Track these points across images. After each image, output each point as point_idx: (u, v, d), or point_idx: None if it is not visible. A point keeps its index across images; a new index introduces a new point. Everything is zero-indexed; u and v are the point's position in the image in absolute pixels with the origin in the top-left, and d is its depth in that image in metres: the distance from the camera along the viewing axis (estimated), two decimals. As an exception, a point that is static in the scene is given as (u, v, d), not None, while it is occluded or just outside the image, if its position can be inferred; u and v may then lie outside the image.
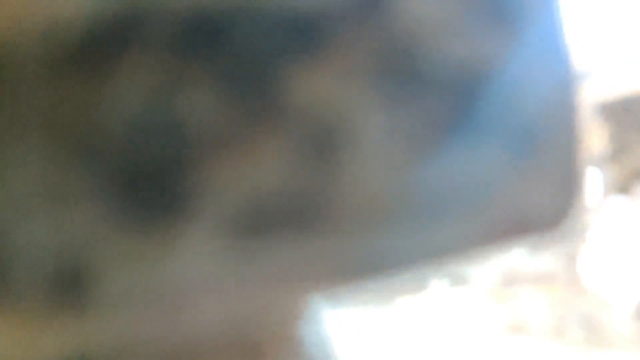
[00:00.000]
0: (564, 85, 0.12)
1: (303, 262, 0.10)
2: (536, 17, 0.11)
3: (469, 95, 0.11)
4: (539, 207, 0.11)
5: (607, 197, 2.35)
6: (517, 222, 0.11)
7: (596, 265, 2.27)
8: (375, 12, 0.10)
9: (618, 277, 2.20)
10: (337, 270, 0.10)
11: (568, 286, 2.36)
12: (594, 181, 2.57)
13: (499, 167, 0.11)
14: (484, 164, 0.11)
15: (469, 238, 0.11)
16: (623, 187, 2.24)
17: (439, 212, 0.11)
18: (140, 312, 0.09)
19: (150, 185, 0.08)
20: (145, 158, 0.08)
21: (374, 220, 0.10)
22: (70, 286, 0.07)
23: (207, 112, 0.09)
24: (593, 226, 2.34)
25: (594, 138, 2.35)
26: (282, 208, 0.09)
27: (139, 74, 0.09)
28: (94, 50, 0.08)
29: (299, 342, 0.10)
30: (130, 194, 0.08)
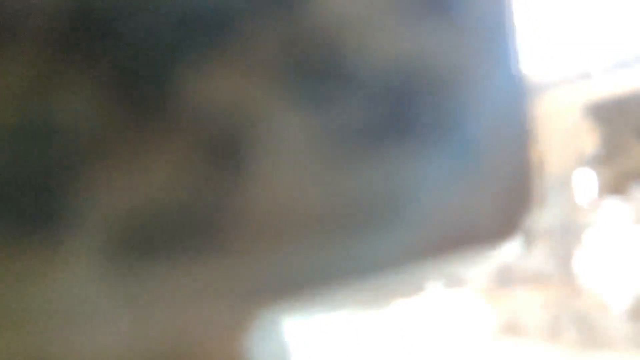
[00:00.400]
0: (511, 89, 0.11)
1: (208, 283, 0.08)
2: (481, 16, 0.10)
3: (401, 97, 0.10)
4: (483, 218, 0.10)
5: (600, 198, 2.37)
6: (459, 233, 0.10)
7: (591, 266, 2.28)
8: (289, 6, 0.09)
9: (612, 277, 2.21)
10: (250, 292, 0.09)
11: (563, 287, 2.37)
12: (587, 182, 2.57)
13: (435, 176, 0.10)
14: (418, 172, 0.10)
15: (404, 251, 0.10)
16: (616, 189, 2.25)
17: (369, 225, 0.10)
18: (12, 337, 0.08)
19: (22, 197, 0.08)
20: (18, 166, 0.07)
21: (290, 235, 0.09)
22: None
23: (89, 115, 0.08)
24: (588, 227, 2.35)
25: (587, 139, 2.36)
26: (177, 222, 0.08)
27: (10, 73, 0.08)
28: None
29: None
30: (1, 206, 0.07)
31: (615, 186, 2.11)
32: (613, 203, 2.17)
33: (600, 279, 2.20)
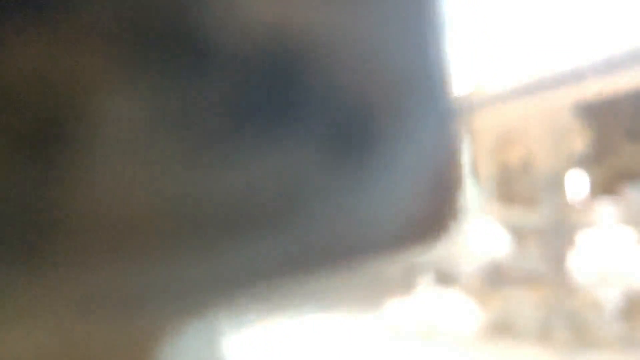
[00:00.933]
0: (431, 80, 0.09)
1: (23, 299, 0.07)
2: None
3: (282, 80, 0.08)
4: (390, 221, 0.09)
5: (592, 198, 2.37)
6: (361, 239, 0.08)
7: (583, 265, 2.28)
8: None
9: (604, 277, 2.21)
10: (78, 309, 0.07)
11: (554, 287, 2.36)
12: (579, 182, 2.57)
13: (330, 174, 0.08)
14: (308, 170, 0.08)
15: (291, 260, 0.08)
16: (607, 188, 2.25)
17: (247, 229, 0.08)
18: None
19: None
20: None
21: (127, 246, 0.07)
22: None
23: None
24: (580, 227, 2.35)
25: (578, 139, 2.36)
26: None
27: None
28: None
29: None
30: None
31: (607, 186, 2.12)
32: (604, 203, 2.17)
33: (593, 279, 2.20)
